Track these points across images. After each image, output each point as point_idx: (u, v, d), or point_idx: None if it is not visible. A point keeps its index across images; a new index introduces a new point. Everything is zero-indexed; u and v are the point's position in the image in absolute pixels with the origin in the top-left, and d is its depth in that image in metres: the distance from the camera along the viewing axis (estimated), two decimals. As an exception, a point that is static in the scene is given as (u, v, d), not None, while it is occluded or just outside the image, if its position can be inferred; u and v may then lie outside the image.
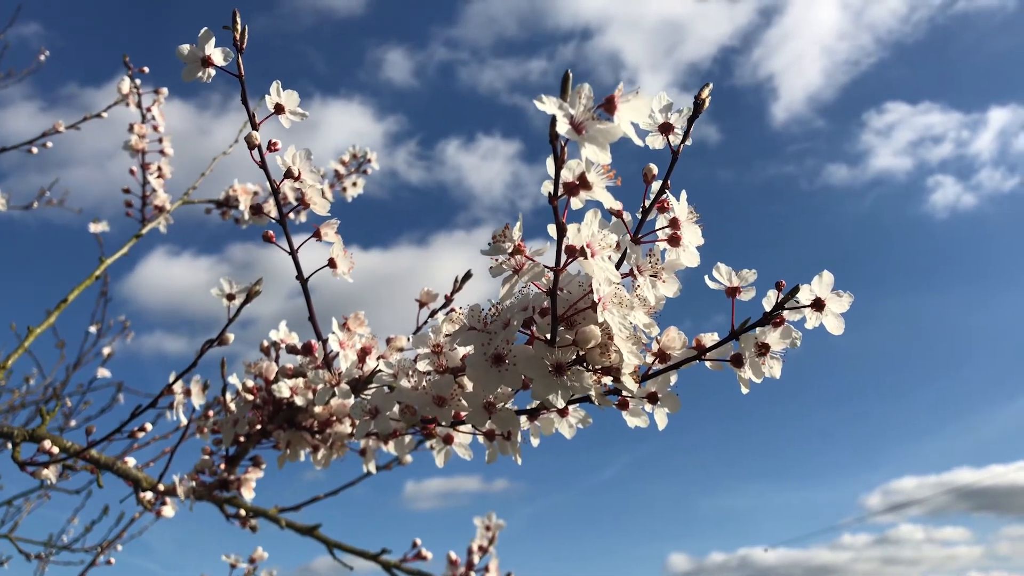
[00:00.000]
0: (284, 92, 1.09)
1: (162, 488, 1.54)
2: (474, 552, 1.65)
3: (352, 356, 1.18)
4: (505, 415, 0.90)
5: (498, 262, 0.83)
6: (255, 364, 1.35)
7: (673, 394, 0.91)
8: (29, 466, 1.46)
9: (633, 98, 0.63)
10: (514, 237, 0.81)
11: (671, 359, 0.88)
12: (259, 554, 1.72)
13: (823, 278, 0.86)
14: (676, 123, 0.85)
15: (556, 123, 0.62)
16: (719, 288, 0.89)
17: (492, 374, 0.84)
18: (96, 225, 2.41)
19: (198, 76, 1.08)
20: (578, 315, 0.81)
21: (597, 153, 0.62)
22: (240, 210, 2.31)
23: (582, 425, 0.97)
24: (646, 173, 0.84)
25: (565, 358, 0.81)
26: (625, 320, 0.78)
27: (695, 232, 0.85)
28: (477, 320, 0.87)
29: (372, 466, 1.32)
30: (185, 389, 1.46)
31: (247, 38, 1.08)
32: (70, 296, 1.87)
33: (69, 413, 3.24)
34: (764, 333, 0.88)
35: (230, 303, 1.31)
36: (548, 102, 0.61)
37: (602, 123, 0.63)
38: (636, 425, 0.93)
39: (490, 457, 1.02)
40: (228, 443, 1.38)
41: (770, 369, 0.88)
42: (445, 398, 0.93)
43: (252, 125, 1.10)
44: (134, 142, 2.26)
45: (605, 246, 0.75)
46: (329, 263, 1.16)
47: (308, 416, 1.32)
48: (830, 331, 0.87)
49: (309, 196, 1.11)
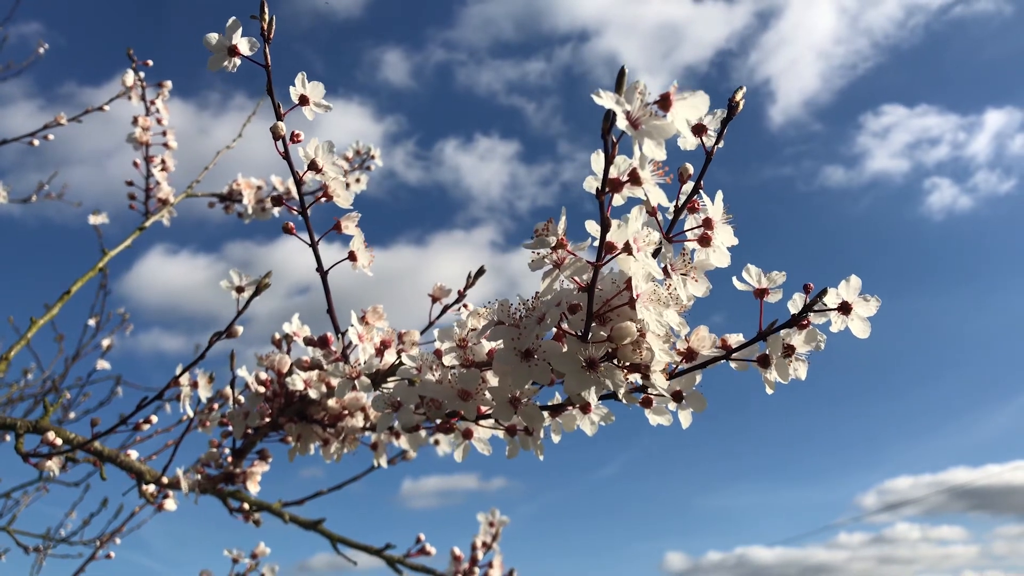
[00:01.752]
0: (309, 84, 1.09)
1: (165, 481, 1.53)
2: (478, 548, 1.65)
3: (371, 349, 1.18)
4: (531, 410, 0.91)
5: (540, 256, 0.83)
6: (267, 356, 1.35)
7: (699, 393, 0.91)
8: (32, 457, 1.44)
9: (690, 96, 0.64)
10: (557, 231, 0.81)
11: (698, 358, 0.89)
12: (261, 549, 1.71)
13: (851, 282, 0.87)
14: (710, 125, 0.86)
15: (613, 117, 0.62)
16: (747, 289, 0.90)
17: (522, 369, 0.85)
18: (96, 217, 2.40)
19: (224, 65, 1.08)
20: (612, 311, 0.81)
21: (653, 149, 0.63)
22: (244, 204, 2.30)
23: (604, 422, 0.98)
24: (682, 173, 0.84)
25: (597, 354, 0.82)
26: (661, 318, 0.79)
27: (728, 233, 0.86)
28: (507, 315, 0.88)
29: (383, 460, 1.32)
30: (192, 382, 1.45)
31: (274, 29, 1.08)
32: (73, 288, 1.86)
33: (68, 406, 3.21)
34: (790, 335, 0.89)
35: (239, 296, 1.30)
36: (606, 96, 0.62)
37: (658, 119, 0.63)
38: (659, 423, 0.93)
39: (511, 452, 1.02)
40: (238, 435, 1.37)
41: (795, 371, 0.89)
42: (470, 392, 0.93)
43: (277, 116, 1.10)
44: (138, 134, 2.24)
45: (649, 243, 0.75)
46: (349, 256, 1.16)
47: (320, 409, 1.31)
48: (856, 335, 0.88)
49: (332, 188, 1.11)
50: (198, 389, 1.44)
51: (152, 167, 2.24)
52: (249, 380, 1.36)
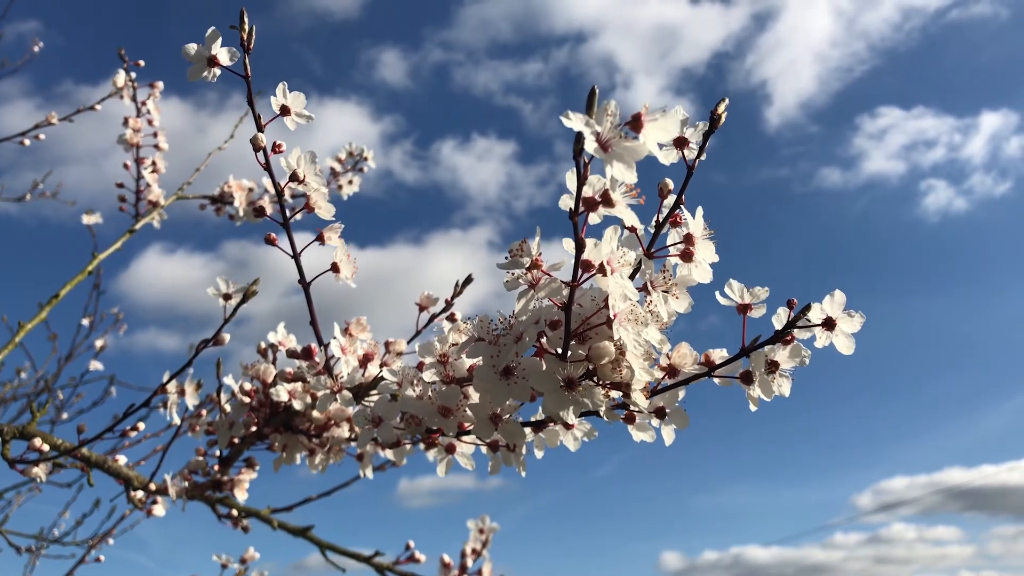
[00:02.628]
0: (291, 94, 1.08)
1: (153, 487, 1.52)
2: (467, 555, 1.64)
3: (354, 362, 1.16)
4: (512, 427, 0.90)
5: (514, 276, 0.82)
6: (252, 366, 1.34)
7: (681, 409, 0.90)
8: (19, 464, 1.44)
9: (660, 117, 0.63)
10: (532, 252, 0.80)
11: (681, 375, 0.88)
12: (250, 554, 1.70)
13: (835, 297, 0.86)
14: (691, 138, 0.85)
15: (582, 140, 0.61)
16: (730, 304, 0.89)
17: (501, 387, 0.83)
18: (89, 217, 2.38)
19: (203, 76, 1.07)
20: (591, 330, 0.80)
21: (623, 172, 0.61)
22: (235, 206, 2.29)
23: (587, 438, 0.97)
24: (662, 188, 0.83)
25: (576, 373, 0.80)
26: (639, 337, 0.77)
27: (709, 248, 0.85)
28: (486, 332, 0.86)
29: (369, 472, 1.31)
30: (179, 388, 1.44)
31: (254, 39, 1.06)
32: (62, 292, 1.85)
33: (61, 406, 3.20)
34: (774, 351, 0.87)
35: (226, 303, 1.29)
36: (574, 119, 0.60)
37: (629, 141, 0.62)
38: (642, 440, 0.92)
39: (493, 469, 1.01)
40: (223, 445, 1.36)
41: (779, 387, 0.88)
42: (451, 409, 0.92)
43: (257, 127, 1.08)
44: (128, 136, 2.23)
45: (624, 263, 0.74)
46: (332, 268, 1.15)
47: (306, 420, 1.30)
48: (840, 351, 0.87)
49: (314, 200, 1.10)
50: (185, 396, 1.43)
51: (143, 169, 2.22)
52: (234, 389, 1.35)
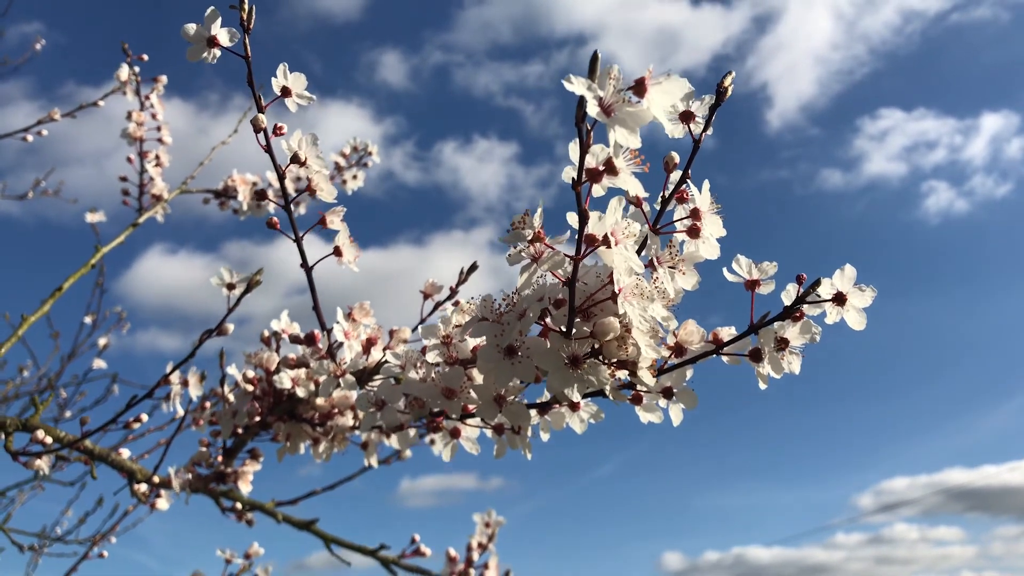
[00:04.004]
0: (291, 75, 1.06)
1: (157, 480, 1.51)
2: (473, 549, 1.62)
3: (357, 346, 1.15)
4: (516, 409, 0.88)
5: (516, 250, 0.80)
6: (255, 354, 1.33)
7: (689, 389, 0.89)
8: (22, 456, 1.43)
9: (665, 80, 0.61)
10: (534, 224, 0.78)
11: (688, 353, 0.86)
12: (255, 550, 1.69)
13: (845, 272, 0.84)
14: (698, 112, 0.83)
15: (584, 104, 0.59)
16: (738, 280, 0.87)
17: (504, 366, 0.82)
18: (93, 215, 2.38)
19: (203, 56, 1.05)
20: (596, 307, 0.78)
21: (626, 137, 0.60)
22: (239, 200, 2.28)
23: (594, 420, 0.95)
24: (667, 162, 0.81)
25: (581, 350, 0.79)
26: (645, 312, 0.76)
27: (716, 223, 0.83)
28: (489, 311, 0.85)
29: (374, 460, 1.29)
30: (182, 380, 1.43)
31: (254, 19, 1.05)
32: (65, 285, 1.84)
33: (64, 404, 3.20)
34: (783, 327, 0.85)
35: (230, 292, 1.28)
36: (576, 82, 0.59)
37: (632, 106, 0.60)
38: (649, 420, 0.91)
39: (499, 452, 0.99)
40: (227, 435, 1.35)
41: (789, 364, 0.86)
42: (455, 390, 0.90)
43: (258, 108, 1.07)
44: (132, 130, 2.22)
45: (628, 235, 0.72)
46: (335, 251, 1.13)
47: (309, 408, 1.29)
48: (851, 326, 0.85)
49: (316, 182, 1.08)
50: (189, 387, 1.42)
51: (146, 163, 2.22)
52: (238, 378, 1.34)
